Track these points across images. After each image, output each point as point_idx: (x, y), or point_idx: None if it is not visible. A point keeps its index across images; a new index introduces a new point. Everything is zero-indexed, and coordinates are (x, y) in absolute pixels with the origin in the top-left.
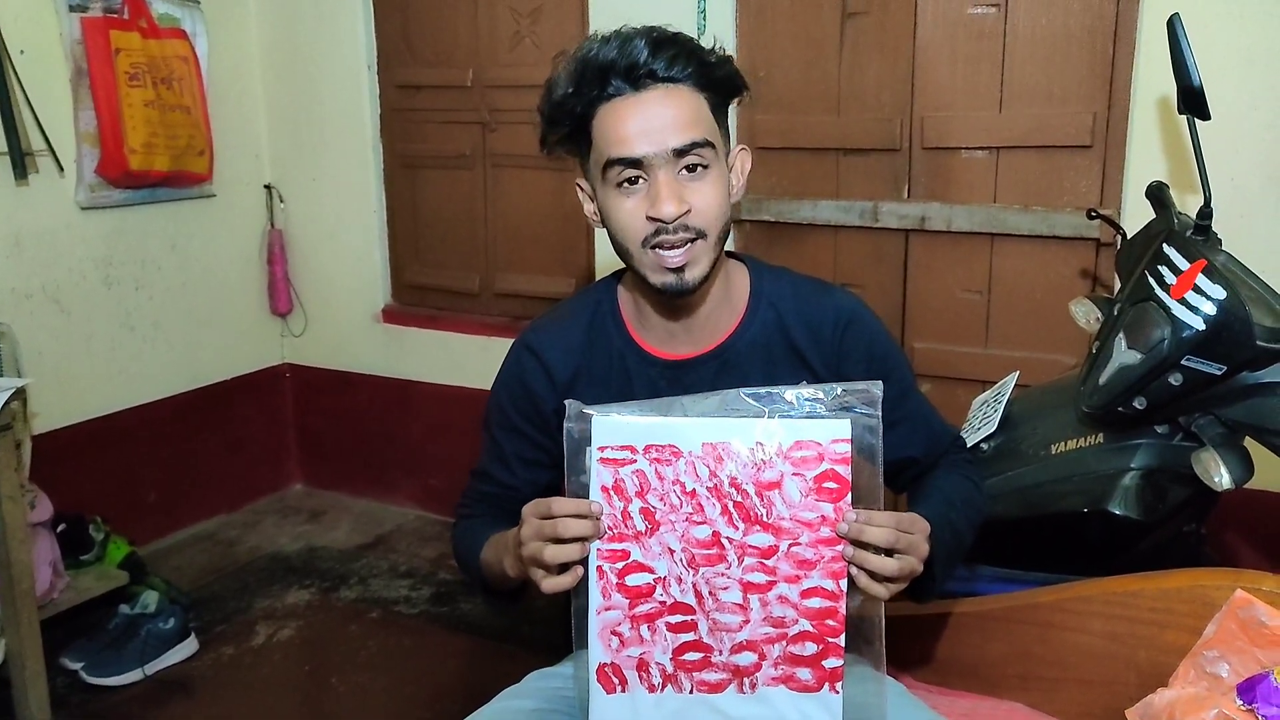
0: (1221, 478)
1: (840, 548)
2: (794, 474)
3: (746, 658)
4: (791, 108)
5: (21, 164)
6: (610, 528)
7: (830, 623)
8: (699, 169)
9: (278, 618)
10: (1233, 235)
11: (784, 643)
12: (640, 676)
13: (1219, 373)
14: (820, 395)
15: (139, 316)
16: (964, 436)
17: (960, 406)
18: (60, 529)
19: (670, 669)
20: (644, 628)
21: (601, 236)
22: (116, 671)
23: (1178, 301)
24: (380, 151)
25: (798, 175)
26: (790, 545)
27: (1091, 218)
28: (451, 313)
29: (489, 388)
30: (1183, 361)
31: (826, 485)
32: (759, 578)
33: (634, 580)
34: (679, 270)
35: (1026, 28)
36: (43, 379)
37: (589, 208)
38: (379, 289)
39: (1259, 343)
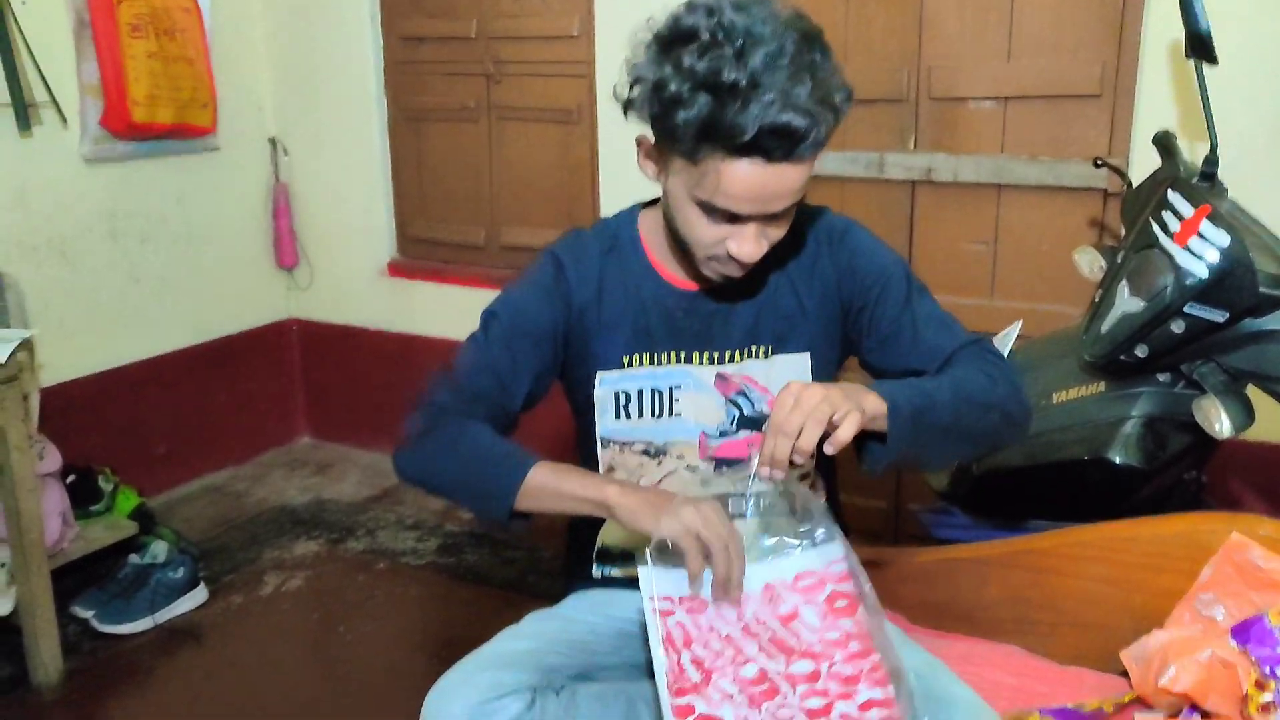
0: (1222, 425)
1: (869, 657)
2: (805, 602)
3: None
4: None
5: (25, 116)
6: (671, 682)
7: None
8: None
9: (286, 568)
10: (1240, 184)
11: None
12: None
13: (1222, 320)
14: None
15: (145, 270)
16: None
17: None
18: (70, 480)
19: None
20: None
21: (608, 189)
22: (127, 619)
23: (1182, 248)
24: (384, 104)
25: None
26: (830, 666)
27: (1098, 166)
28: (457, 266)
29: None
30: (1185, 309)
31: (837, 605)
32: (816, 702)
33: None
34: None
35: None
36: (49, 331)
37: (650, 168)
38: (384, 243)
39: (1262, 289)
